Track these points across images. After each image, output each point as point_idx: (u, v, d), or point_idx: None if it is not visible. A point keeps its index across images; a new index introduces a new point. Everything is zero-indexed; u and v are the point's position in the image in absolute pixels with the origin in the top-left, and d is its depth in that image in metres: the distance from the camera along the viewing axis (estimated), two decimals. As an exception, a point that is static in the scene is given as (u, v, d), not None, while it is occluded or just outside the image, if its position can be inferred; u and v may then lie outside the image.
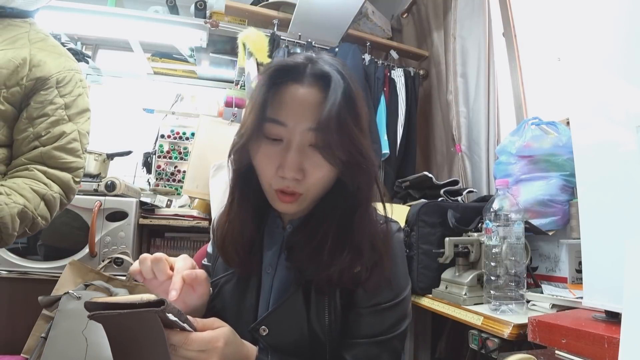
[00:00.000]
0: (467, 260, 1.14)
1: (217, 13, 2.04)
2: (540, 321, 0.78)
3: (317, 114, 0.56)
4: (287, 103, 0.57)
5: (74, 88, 0.99)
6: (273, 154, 0.58)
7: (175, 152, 2.43)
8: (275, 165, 0.57)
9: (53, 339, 1.31)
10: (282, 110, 0.57)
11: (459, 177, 1.79)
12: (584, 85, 0.82)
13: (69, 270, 1.51)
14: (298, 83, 0.58)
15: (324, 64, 0.59)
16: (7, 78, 0.89)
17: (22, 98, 0.92)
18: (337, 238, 0.60)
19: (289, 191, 0.58)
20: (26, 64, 0.91)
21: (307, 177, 0.57)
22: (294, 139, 0.57)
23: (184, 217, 1.82)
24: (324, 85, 0.57)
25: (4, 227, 0.84)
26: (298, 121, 0.57)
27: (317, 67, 0.59)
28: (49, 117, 0.93)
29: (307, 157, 0.57)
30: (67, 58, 1.01)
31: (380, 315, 0.61)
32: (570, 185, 1.18)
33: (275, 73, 0.59)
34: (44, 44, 0.98)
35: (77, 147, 0.98)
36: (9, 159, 0.94)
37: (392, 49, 2.19)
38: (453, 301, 1.09)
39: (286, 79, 0.58)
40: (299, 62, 0.60)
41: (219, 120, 2.14)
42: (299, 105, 0.57)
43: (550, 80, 1.54)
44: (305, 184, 0.58)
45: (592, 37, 0.81)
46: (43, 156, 0.93)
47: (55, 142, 0.94)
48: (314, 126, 0.56)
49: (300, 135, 0.57)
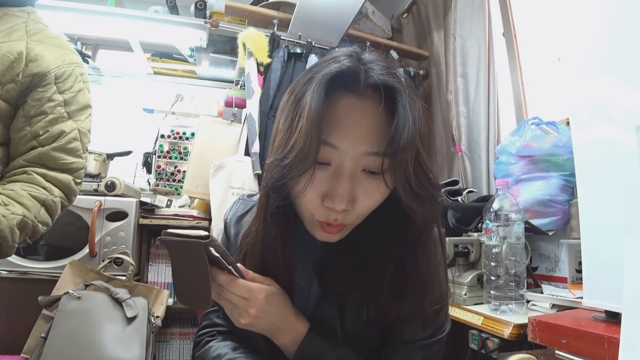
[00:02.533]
0: (467, 260, 1.14)
1: (217, 13, 2.04)
2: (540, 321, 0.78)
3: (380, 135, 0.46)
4: (340, 121, 0.47)
5: (74, 83, 0.93)
6: (319, 180, 0.48)
7: (175, 152, 2.43)
8: (320, 193, 0.48)
9: (53, 339, 1.30)
10: (334, 129, 0.46)
11: (459, 177, 1.79)
12: (584, 85, 0.82)
13: (69, 270, 1.51)
14: (355, 95, 0.47)
15: (380, 68, 0.48)
16: (1, 74, 0.83)
17: (18, 95, 0.86)
18: (395, 282, 0.53)
19: (337, 223, 0.50)
20: (22, 58, 0.84)
21: (357, 207, 0.49)
22: (346, 164, 0.47)
23: (184, 217, 1.81)
24: (384, 97, 0.46)
25: (4, 240, 0.80)
26: (353, 143, 0.47)
27: (377, 74, 0.47)
28: (47, 115, 0.88)
29: (359, 184, 0.48)
30: (66, 51, 0.95)
31: (425, 320, 0.57)
32: (570, 185, 1.18)
33: (330, 82, 0.46)
34: (42, 35, 0.91)
35: (78, 146, 0.93)
36: (6, 158, 0.90)
37: (392, 49, 2.19)
38: (453, 301, 1.09)
39: (340, 90, 0.47)
40: (351, 65, 0.48)
41: (219, 120, 2.14)
42: (355, 125, 0.47)
43: (550, 80, 1.54)
44: (353, 215, 0.50)
45: (592, 37, 0.81)
46: (42, 157, 0.88)
47: (54, 142, 0.89)
48: (374, 150, 0.47)
49: (354, 160, 0.47)
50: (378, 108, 0.47)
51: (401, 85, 0.47)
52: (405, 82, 0.49)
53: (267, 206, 0.54)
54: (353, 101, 0.47)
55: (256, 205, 0.60)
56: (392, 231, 0.53)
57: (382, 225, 0.54)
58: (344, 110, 0.47)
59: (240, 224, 0.67)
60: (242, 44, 1.81)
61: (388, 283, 0.53)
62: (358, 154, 0.47)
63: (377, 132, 0.47)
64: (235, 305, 0.52)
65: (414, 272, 0.54)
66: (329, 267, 0.57)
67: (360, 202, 0.49)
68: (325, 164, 0.48)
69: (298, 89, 0.49)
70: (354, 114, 0.47)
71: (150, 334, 1.45)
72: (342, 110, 0.47)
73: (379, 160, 0.46)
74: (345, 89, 0.48)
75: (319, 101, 0.45)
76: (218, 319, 0.68)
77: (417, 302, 0.53)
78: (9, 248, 0.83)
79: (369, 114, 0.47)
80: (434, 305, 0.57)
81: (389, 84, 0.47)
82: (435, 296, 0.56)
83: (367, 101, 0.48)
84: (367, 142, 0.47)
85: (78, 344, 1.30)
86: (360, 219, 0.52)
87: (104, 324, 1.36)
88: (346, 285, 0.54)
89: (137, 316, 1.41)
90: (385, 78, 0.47)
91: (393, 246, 0.53)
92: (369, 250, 0.54)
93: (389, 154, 0.45)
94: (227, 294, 0.52)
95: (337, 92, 0.47)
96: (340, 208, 0.47)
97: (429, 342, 0.59)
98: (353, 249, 0.55)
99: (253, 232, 0.59)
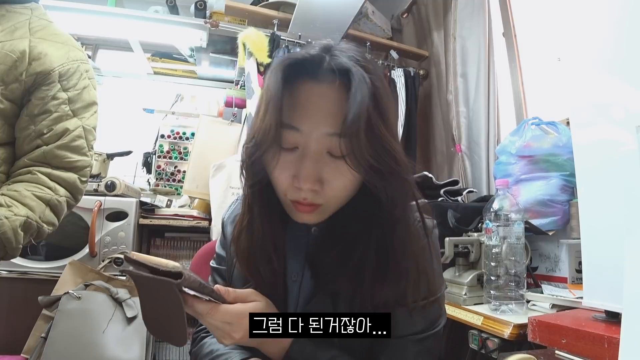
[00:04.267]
0: (467, 260, 1.14)
1: (217, 13, 2.04)
2: (540, 321, 0.78)
3: (338, 116, 0.48)
4: (301, 105, 0.50)
5: (79, 80, 0.91)
6: (288, 162, 0.51)
7: (175, 152, 2.43)
8: (290, 174, 0.51)
9: (53, 339, 1.30)
10: (295, 113, 0.50)
11: (459, 177, 1.79)
12: (584, 85, 0.82)
13: (69, 270, 1.51)
14: (314, 80, 0.50)
15: (343, 55, 0.51)
16: (4, 74, 0.81)
17: (22, 94, 0.85)
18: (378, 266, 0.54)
19: (307, 202, 0.51)
20: (25, 57, 0.83)
21: (327, 188, 0.51)
22: (310, 146, 0.50)
23: (184, 217, 1.81)
24: (344, 82, 0.49)
25: (7, 242, 0.79)
26: (314, 126, 0.49)
27: (336, 60, 0.50)
28: (52, 113, 0.86)
29: (325, 166, 0.50)
30: (71, 47, 0.93)
31: (415, 314, 0.57)
32: (570, 185, 1.18)
33: (288, 69, 0.50)
34: (45, 32, 0.89)
35: (82, 144, 0.91)
36: (11, 157, 0.89)
37: (392, 49, 2.19)
38: (453, 301, 1.09)
39: (301, 76, 0.51)
40: (315, 54, 0.51)
41: (219, 120, 2.14)
42: (315, 107, 0.50)
43: (550, 80, 1.54)
44: (324, 195, 0.51)
45: (592, 37, 0.81)
46: (46, 156, 0.87)
47: (58, 140, 0.87)
48: (333, 131, 0.49)
49: (317, 142, 0.50)
50: (338, 92, 0.49)
51: (357, 67, 0.49)
52: (369, 64, 0.51)
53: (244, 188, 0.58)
54: (312, 86, 0.50)
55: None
56: (371, 215, 0.54)
57: (365, 210, 0.55)
58: (305, 95, 0.50)
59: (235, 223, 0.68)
60: (242, 44, 1.81)
61: (371, 269, 0.54)
62: (320, 136, 0.50)
63: (337, 114, 0.49)
64: (218, 328, 0.51)
65: (392, 256, 0.54)
66: (319, 258, 0.58)
67: (328, 184, 0.51)
68: (293, 148, 0.51)
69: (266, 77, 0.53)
70: (313, 97, 0.50)
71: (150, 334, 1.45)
72: (303, 95, 0.50)
73: (343, 141, 0.48)
74: (306, 75, 0.51)
75: (277, 84, 0.49)
76: None
77: (396, 286, 0.54)
78: (14, 250, 0.82)
79: (329, 97, 0.50)
80: (425, 297, 0.57)
81: (344, 66, 0.49)
82: (421, 286, 0.56)
83: (327, 85, 0.50)
84: (327, 124, 0.49)
85: (78, 344, 1.31)
86: (335, 201, 0.53)
87: (104, 324, 1.36)
88: (335, 274, 0.55)
89: (137, 316, 1.41)
90: (342, 62, 0.50)
91: (372, 230, 0.54)
92: (355, 237, 0.55)
93: (342, 134, 0.47)
94: (209, 320, 0.49)
95: (299, 79, 0.51)
96: (306, 187, 0.49)
97: (422, 336, 0.58)
98: (341, 238, 0.56)
99: (238, 223, 0.61)
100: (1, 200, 0.81)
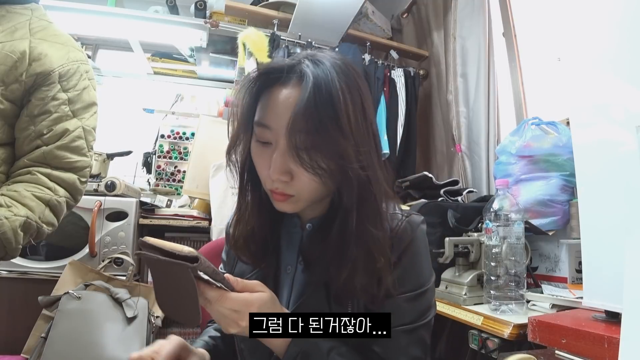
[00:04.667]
0: (467, 260, 1.14)
1: (217, 13, 2.04)
2: (540, 321, 0.78)
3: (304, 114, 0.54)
4: (271, 106, 0.57)
5: (79, 81, 0.92)
6: (265, 155, 0.58)
7: (175, 152, 2.43)
8: (267, 166, 0.57)
9: (53, 339, 1.30)
10: (267, 113, 0.57)
11: (459, 177, 1.79)
12: (584, 85, 0.82)
13: (69, 270, 1.51)
14: (282, 85, 0.57)
15: (311, 62, 0.56)
16: (4, 74, 0.82)
17: (22, 94, 0.86)
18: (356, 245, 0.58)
19: (279, 192, 0.58)
20: (25, 58, 0.83)
21: (295, 180, 0.56)
22: (279, 141, 0.56)
23: (184, 217, 1.81)
24: (304, 83, 0.54)
25: (7, 242, 0.79)
26: (281, 124, 0.55)
27: (301, 66, 0.56)
28: (51, 114, 0.87)
29: (292, 159, 0.55)
30: (71, 48, 0.94)
31: (405, 305, 0.61)
32: (570, 185, 1.18)
33: (261, 76, 0.58)
34: (45, 33, 0.90)
35: (82, 145, 0.92)
36: (11, 158, 0.89)
37: (392, 49, 2.19)
38: (453, 301, 1.09)
39: (272, 82, 0.58)
40: (286, 63, 0.58)
41: (219, 120, 2.14)
42: (281, 107, 0.55)
43: (550, 80, 1.54)
44: (294, 187, 0.57)
45: (592, 37, 0.81)
46: (46, 156, 0.87)
47: (57, 140, 0.88)
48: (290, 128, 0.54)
49: (287, 137, 0.54)
50: (299, 94, 0.54)
51: (318, 71, 0.54)
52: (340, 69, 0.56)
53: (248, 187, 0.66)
54: (280, 89, 0.57)
55: None
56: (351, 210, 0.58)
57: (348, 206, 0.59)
58: (274, 98, 0.57)
59: None
60: (242, 44, 1.81)
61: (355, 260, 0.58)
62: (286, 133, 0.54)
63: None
64: (225, 316, 0.52)
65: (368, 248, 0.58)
66: (311, 252, 0.63)
67: (296, 176, 0.56)
68: (268, 143, 0.57)
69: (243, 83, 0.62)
70: (279, 99, 0.56)
71: (150, 334, 1.46)
72: (273, 98, 0.57)
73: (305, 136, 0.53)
74: (277, 82, 0.57)
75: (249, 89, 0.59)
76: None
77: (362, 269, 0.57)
78: (13, 250, 0.82)
79: (293, 98, 0.55)
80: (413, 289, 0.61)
81: (302, 70, 0.55)
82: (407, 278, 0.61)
83: (292, 88, 0.56)
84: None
85: (78, 344, 1.31)
86: (306, 193, 0.58)
87: (104, 324, 1.36)
88: (326, 266, 0.59)
89: (137, 316, 1.41)
90: (304, 67, 0.55)
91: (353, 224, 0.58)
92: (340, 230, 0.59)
93: (287, 132, 0.53)
94: (217, 307, 0.51)
95: (273, 85, 0.58)
96: (275, 177, 0.55)
97: (412, 327, 0.60)
98: (331, 232, 0.60)
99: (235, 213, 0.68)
100: (1, 200, 0.81)
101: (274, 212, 0.62)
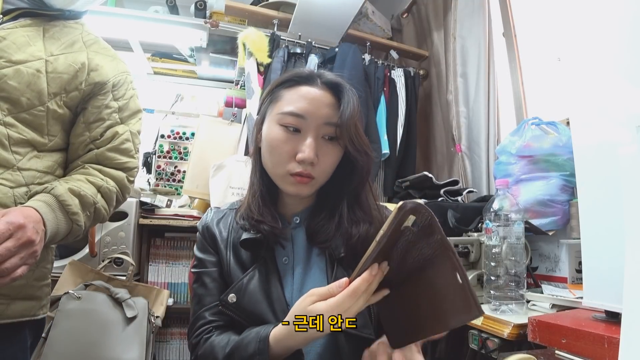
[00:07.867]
0: (467, 260, 1.14)
1: (217, 13, 2.04)
2: (540, 321, 0.78)
3: (331, 112, 0.71)
4: (304, 99, 0.70)
5: (127, 91, 1.00)
6: (291, 141, 0.70)
7: (175, 152, 2.43)
8: (292, 151, 0.69)
9: (53, 339, 1.30)
10: (300, 104, 0.70)
11: (459, 177, 1.79)
12: (584, 85, 0.82)
13: (69, 270, 1.51)
14: (312, 86, 0.72)
15: (331, 75, 0.75)
16: (67, 83, 0.89)
17: (79, 102, 0.93)
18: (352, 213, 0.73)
19: (306, 173, 0.69)
20: (85, 68, 0.92)
21: (320, 163, 0.70)
22: (311, 129, 0.70)
23: (184, 217, 1.81)
24: (334, 92, 0.73)
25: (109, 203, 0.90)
26: (315, 116, 0.70)
27: (327, 77, 0.74)
28: (105, 121, 0.94)
29: (320, 147, 0.70)
30: (119, 61, 1.04)
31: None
32: (570, 185, 1.18)
33: (291, 76, 0.75)
34: (97, 46, 0.99)
35: (130, 147, 0.99)
36: (65, 163, 0.95)
37: (392, 49, 2.19)
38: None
39: (302, 82, 0.73)
40: (310, 72, 0.75)
41: (219, 120, 2.14)
42: (316, 103, 0.70)
43: (550, 80, 1.54)
44: (317, 169, 0.70)
45: (592, 37, 0.81)
46: (98, 158, 0.94)
47: (108, 143, 0.95)
48: (330, 121, 0.70)
49: (316, 128, 0.70)
50: (331, 97, 0.73)
51: (343, 84, 0.74)
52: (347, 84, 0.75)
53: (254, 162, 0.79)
54: (313, 89, 0.72)
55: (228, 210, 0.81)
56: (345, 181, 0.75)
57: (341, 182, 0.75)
58: (306, 93, 0.72)
59: (219, 227, 0.78)
60: (242, 44, 1.81)
61: (347, 217, 0.72)
62: (319, 123, 0.70)
63: (331, 110, 0.71)
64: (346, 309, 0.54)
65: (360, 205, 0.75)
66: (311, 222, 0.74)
67: (322, 160, 0.70)
68: (297, 130, 0.70)
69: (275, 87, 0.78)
70: (314, 97, 0.71)
71: (150, 334, 1.45)
72: (305, 92, 0.72)
73: (333, 128, 0.71)
74: (306, 83, 0.73)
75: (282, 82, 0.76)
76: (212, 316, 0.70)
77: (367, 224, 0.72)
78: (112, 207, 0.94)
79: (325, 98, 0.72)
80: None
81: (336, 81, 0.74)
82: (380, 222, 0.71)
83: (323, 91, 0.73)
84: (324, 116, 0.71)
85: (78, 343, 1.30)
86: (324, 175, 0.73)
87: (104, 324, 1.36)
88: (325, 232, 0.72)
89: (137, 316, 1.41)
90: (333, 79, 0.75)
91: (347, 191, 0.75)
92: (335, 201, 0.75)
93: (340, 124, 0.70)
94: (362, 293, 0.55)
95: (302, 84, 0.73)
96: (311, 156, 0.68)
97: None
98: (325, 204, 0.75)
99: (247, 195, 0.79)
100: (56, 183, 0.85)
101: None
